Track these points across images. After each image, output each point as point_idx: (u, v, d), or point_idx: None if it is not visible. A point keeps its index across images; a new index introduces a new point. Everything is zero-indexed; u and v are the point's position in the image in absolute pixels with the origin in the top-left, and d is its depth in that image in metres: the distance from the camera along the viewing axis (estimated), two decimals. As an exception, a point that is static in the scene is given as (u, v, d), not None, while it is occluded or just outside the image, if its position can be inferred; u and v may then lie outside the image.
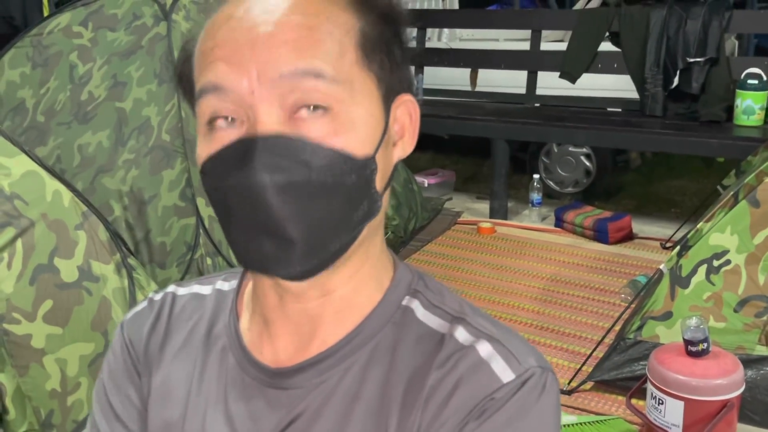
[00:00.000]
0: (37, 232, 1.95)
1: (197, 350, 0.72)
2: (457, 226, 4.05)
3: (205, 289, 0.76)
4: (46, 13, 4.43)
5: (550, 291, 3.22)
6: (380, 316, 0.67)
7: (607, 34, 4.30)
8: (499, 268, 3.47)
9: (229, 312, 0.73)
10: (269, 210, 0.58)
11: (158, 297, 0.77)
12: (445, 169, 5.04)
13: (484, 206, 4.39)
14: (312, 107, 0.59)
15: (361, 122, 0.61)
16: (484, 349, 0.64)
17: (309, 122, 0.59)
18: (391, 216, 3.58)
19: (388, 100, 0.65)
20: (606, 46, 4.33)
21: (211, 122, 0.61)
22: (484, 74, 4.91)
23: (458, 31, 5.58)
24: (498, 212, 4.20)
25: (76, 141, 2.84)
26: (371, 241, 0.67)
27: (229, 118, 0.60)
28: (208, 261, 2.58)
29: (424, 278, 0.71)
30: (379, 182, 0.64)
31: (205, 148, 0.62)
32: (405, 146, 0.69)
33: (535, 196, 4.12)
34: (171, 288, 0.78)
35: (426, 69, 4.90)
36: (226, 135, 0.60)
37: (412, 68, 5.13)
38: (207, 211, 2.63)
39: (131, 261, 2.14)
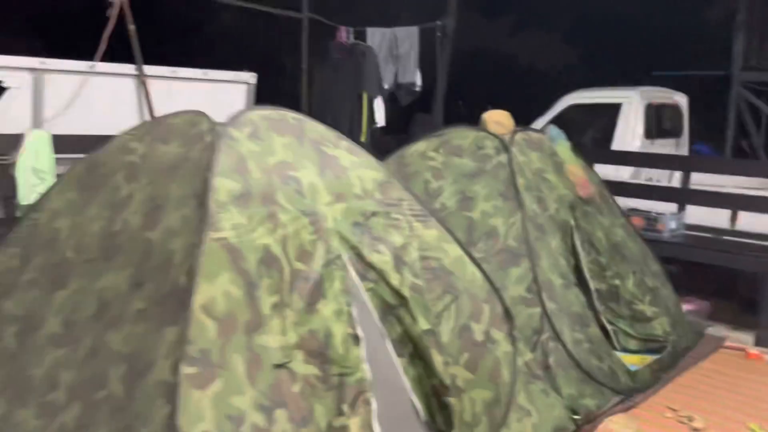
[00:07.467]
0: (462, 301, 2.64)
1: None
2: (722, 350, 4.36)
3: None
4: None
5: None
6: None
7: None
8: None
9: None
10: None
11: None
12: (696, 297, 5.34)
13: (742, 336, 4.65)
14: None
15: None
16: None
17: None
18: (669, 331, 4.00)
19: None
20: None
21: None
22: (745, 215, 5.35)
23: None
24: (765, 341, 4.47)
25: (430, 240, 3.59)
26: None
27: None
28: (551, 344, 3.16)
29: None
30: None
31: None
32: None
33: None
34: None
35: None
36: None
37: (676, 206, 5.69)
38: (550, 305, 3.24)
39: (515, 332, 2.77)
